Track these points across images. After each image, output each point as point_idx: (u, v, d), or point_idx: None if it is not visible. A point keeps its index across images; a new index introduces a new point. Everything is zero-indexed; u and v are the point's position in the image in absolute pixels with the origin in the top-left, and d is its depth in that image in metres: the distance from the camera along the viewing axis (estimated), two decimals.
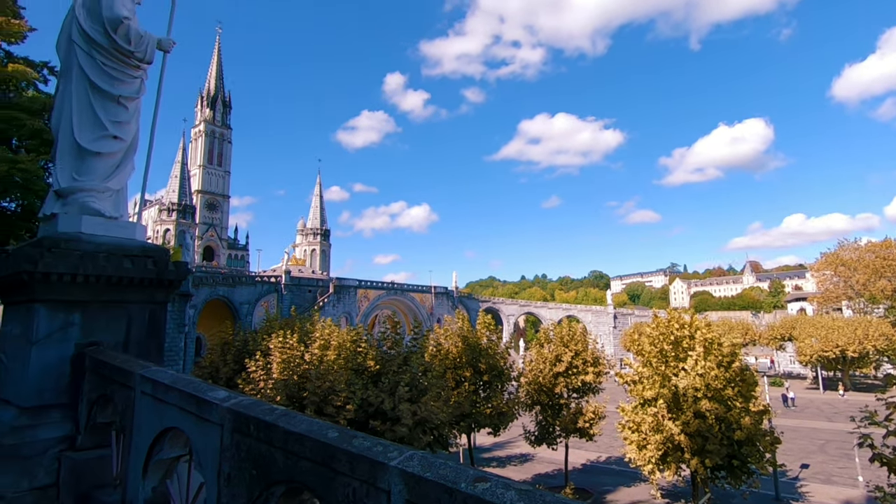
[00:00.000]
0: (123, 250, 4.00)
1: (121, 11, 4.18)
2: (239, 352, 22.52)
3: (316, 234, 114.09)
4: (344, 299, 67.82)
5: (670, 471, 15.91)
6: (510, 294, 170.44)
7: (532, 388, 24.50)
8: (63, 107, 4.20)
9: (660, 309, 22.79)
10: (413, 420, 15.19)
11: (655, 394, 16.53)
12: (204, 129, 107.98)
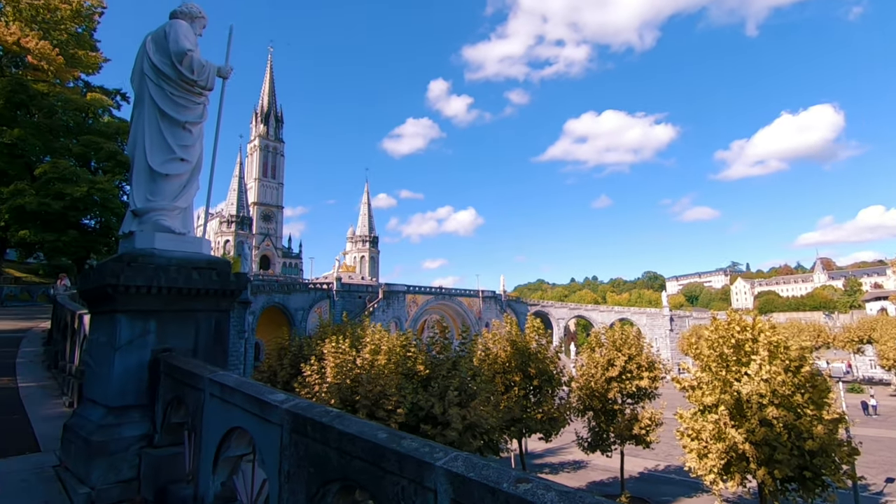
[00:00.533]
0: (191, 263, 4.35)
1: (185, 45, 4.56)
2: (295, 356, 23.47)
3: (365, 242, 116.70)
4: (393, 304, 68.96)
5: (734, 481, 15.11)
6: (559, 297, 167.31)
7: (584, 394, 24.03)
8: (137, 133, 4.63)
9: (719, 311, 21.57)
10: (463, 424, 15.25)
11: (716, 400, 15.78)
12: (258, 143, 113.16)
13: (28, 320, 17.16)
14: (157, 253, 4.22)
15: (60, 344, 8.01)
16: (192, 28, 4.92)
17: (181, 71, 4.52)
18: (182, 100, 4.61)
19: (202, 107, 4.80)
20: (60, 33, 38.51)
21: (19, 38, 33.14)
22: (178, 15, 4.88)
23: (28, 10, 37.11)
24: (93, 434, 3.77)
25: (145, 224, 4.34)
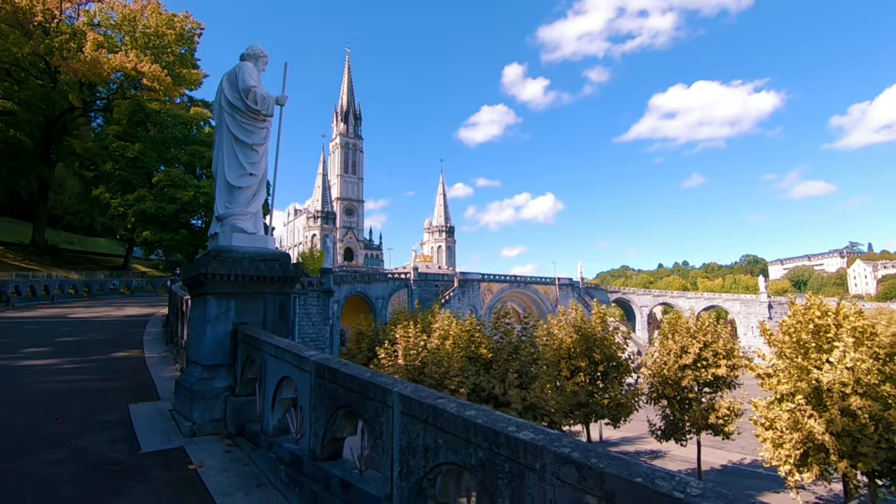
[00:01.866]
0: (260, 256, 5.55)
1: (250, 83, 5.74)
2: (371, 341, 25.44)
3: (441, 232, 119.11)
4: (468, 293, 70.31)
5: (811, 472, 14.45)
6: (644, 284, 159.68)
7: (656, 381, 23.58)
8: (218, 154, 5.91)
9: (831, 297, 19.22)
10: (522, 405, 15.96)
11: (792, 388, 15.06)
12: (339, 141, 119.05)
13: (151, 307, 20.35)
14: (235, 249, 5.46)
15: (174, 324, 9.88)
16: (256, 66, 6.11)
17: (248, 103, 5.70)
18: (249, 126, 5.80)
19: (265, 130, 5.98)
20: (167, 55, 43.62)
21: (136, 64, 38.11)
22: (245, 57, 6.10)
23: (142, 38, 42.46)
24: (194, 385, 5.08)
25: (225, 227, 5.61)
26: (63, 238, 46.22)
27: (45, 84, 39.17)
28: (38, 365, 8.01)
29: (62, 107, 39.79)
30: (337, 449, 3.40)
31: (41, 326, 12.69)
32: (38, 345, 9.96)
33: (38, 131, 38.69)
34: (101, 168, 32.90)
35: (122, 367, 7.68)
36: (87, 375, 7.23)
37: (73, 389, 6.54)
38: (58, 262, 36.22)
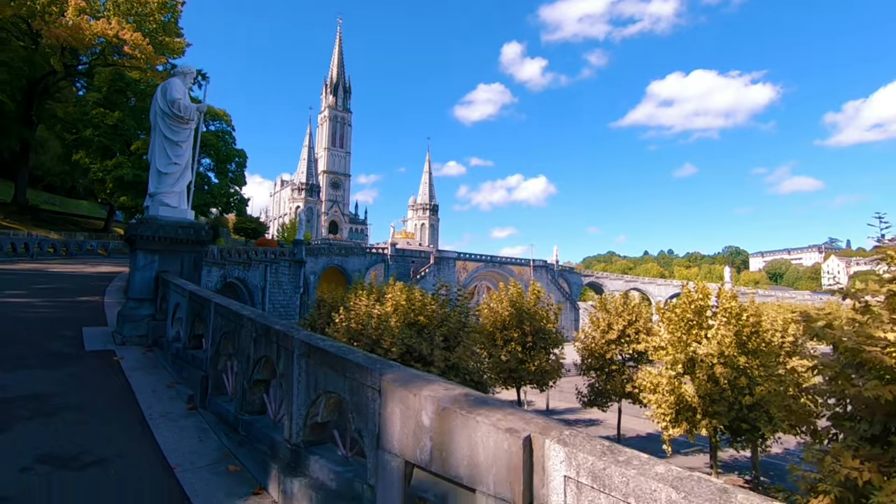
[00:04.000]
0: (179, 224, 7.71)
1: (176, 95, 7.79)
2: (330, 308, 27.77)
3: (425, 210, 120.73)
4: (444, 270, 72.75)
5: (680, 428, 17.20)
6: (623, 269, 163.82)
7: (585, 353, 26.24)
8: (152, 147, 7.98)
9: (806, 290, 20.64)
10: (445, 364, 18.39)
11: (672, 358, 17.69)
12: (328, 114, 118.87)
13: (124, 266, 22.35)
14: (160, 218, 7.61)
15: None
16: (184, 81, 8.15)
17: (174, 111, 7.76)
18: (175, 127, 7.87)
19: (188, 130, 8.05)
20: (150, 23, 44.36)
21: (118, 31, 38.96)
22: (175, 73, 8.12)
23: (124, 5, 43.12)
24: (126, 312, 7.30)
25: (154, 201, 7.74)
26: (44, 199, 47.47)
27: (26, 46, 39.92)
28: (16, 302, 10.14)
29: (44, 70, 40.66)
30: (198, 343, 5.63)
31: (20, 277, 14.74)
32: (16, 289, 12.08)
33: (20, 93, 39.64)
34: (81, 133, 34.26)
35: (84, 307, 9.86)
36: (55, 310, 9.39)
37: (43, 317, 8.72)
38: (38, 222, 37.77)
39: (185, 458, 3.67)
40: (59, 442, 3.80)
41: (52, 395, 4.82)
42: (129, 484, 3.27)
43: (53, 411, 4.43)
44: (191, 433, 4.15)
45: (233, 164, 39.86)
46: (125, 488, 3.21)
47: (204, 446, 3.91)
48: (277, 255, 38.02)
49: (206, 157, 36.72)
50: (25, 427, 4.05)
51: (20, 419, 4.19)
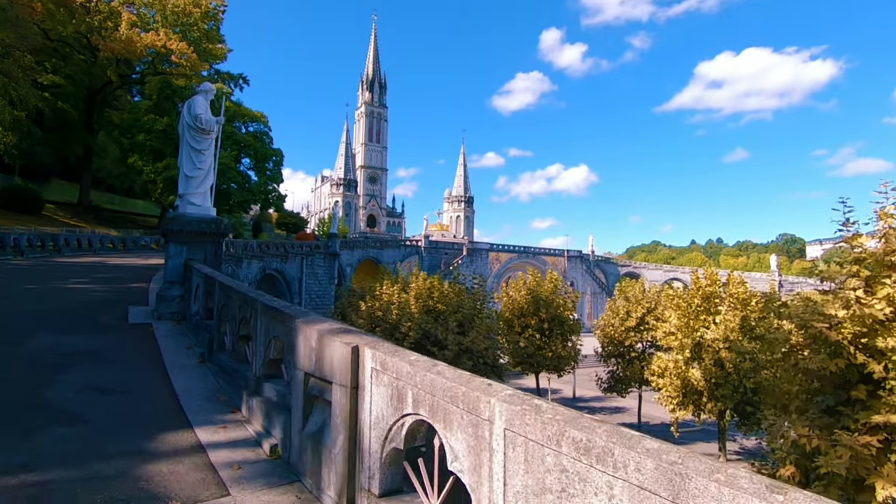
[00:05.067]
0: (203, 220, 9.20)
1: (199, 111, 9.25)
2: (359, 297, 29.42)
3: (460, 202, 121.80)
4: (476, 261, 73.73)
5: (686, 411, 17.69)
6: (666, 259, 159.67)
7: (605, 341, 26.76)
8: (180, 154, 9.49)
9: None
10: (458, 348, 19.56)
11: (679, 344, 18.14)
12: (364, 110, 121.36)
13: None
14: (187, 214, 9.12)
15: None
16: (206, 98, 9.60)
17: (197, 125, 9.23)
18: (199, 138, 9.35)
19: (210, 140, 9.52)
20: (194, 32, 47.36)
21: (165, 41, 41.98)
22: (198, 91, 9.60)
23: (171, 16, 46.24)
24: (161, 292, 8.87)
25: (182, 201, 9.26)
26: (106, 199, 51.73)
27: (86, 59, 43.62)
28: (80, 287, 12.08)
29: (102, 80, 44.31)
30: (209, 314, 7.02)
31: (84, 268, 16.98)
32: (81, 278, 14.15)
33: (82, 103, 43.43)
34: (135, 138, 37.40)
35: (133, 291, 11.64)
36: (109, 294, 11.20)
37: (99, 299, 10.51)
38: (101, 221, 41.50)
39: (188, 391, 5.02)
40: (101, 379, 5.24)
41: (100, 352, 6.33)
42: (145, 403, 4.64)
43: (100, 362, 5.91)
44: (197, 377, 5.51)
45: (270, 162, 42.34)
46: (142, 405, 4.59)
47: (204, 385, 5.25)
48: (313, 248, 40.22)
49: (245, 157, 39.33)
50: (81, 369, 5.52)
51: (78, 364, 5.68)
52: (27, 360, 5.82)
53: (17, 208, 33.48)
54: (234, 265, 28.95)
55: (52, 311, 8.82)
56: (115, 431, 3.95)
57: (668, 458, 1.52)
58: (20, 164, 41.39)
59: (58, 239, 24.60)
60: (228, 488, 3.15)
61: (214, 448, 3.73)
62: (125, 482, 3.14)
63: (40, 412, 4.26)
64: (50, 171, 47.55)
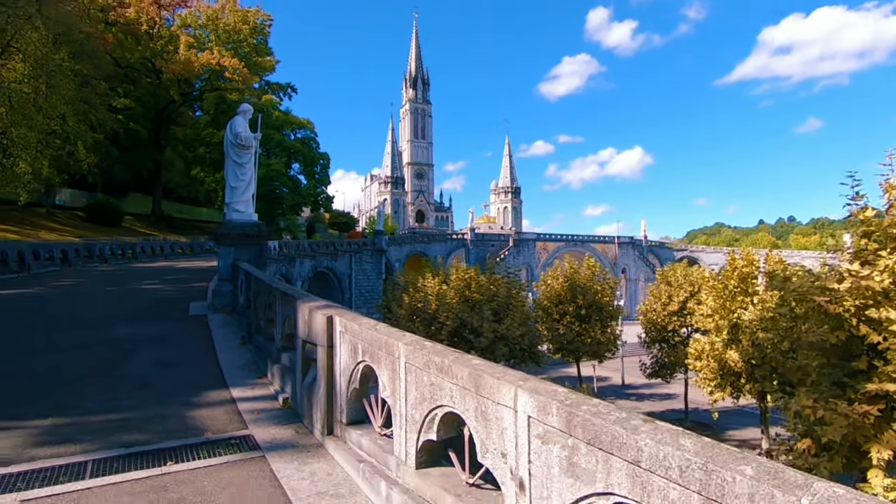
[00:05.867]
0: (246, 224, 10.60)
1: (238, 130, 10.63)
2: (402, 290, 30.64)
3: (507, 193, 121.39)
4: (523, 252, 73.74)
5: (724, 392, 17.62)
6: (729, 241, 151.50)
7: (648, 326, 26.67)
8: (225, 168, 10.93)
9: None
10: (493, 335, 20.39)
11: (716, 325, 18.04)
12: (409, 108, 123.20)
13: None
14: (233, 221, 10.55)
15: None
16: (245, 118, 10.98)
17: (238, 142, 10.62)
18: (240, 153, 10.74)
19: (249, 154, 10.89)
20: (245, 47, 50.50)
21: (219, 59, 45.14)
22: (237, 113, 10.99)
23: (223, 35, 49.56)
24: (215, 288, 10.35)
25: (229, 209, 10.70)
26: (175, 208, 56.33)
27: (152, 81, 47.71)
28: (152, 287, 14.01)
29: (166, 100, 48.28)
30: (249, 304, 8.28)
31: (155, 271, 19.26)
32: (153, 279, 16.23)
33: (150, 122, 47.57)
34: (196, 151, 40.69)
35: (195, 289, 13.37)
36: (175, 292, 12.97)
37: (167, 296, 12.26)
38: (171, 229, 45.50)
39: (230, 363, 6.25)
40: (165, 357, 6.59)
41: (165, 337, 7.76)
42: (196, 372, 5.92)
43: (164, 345, 7.32)
44: (237, 354, 6.76)
45: (318, 166, 44.69)
46: (193, 373, 5.87)
47: (242, 359, 6.48)
48: (360, 246, 42.17)
49: (295, 162, 41.82)
50: (150, 350, 6.93)
51: (148, 347, 7.10)
52: (110, 344, 7.31)
53: (101, 221, 37.49)
54: (288, 264, 31.11)
55: (130, 308, 10.55)
56: (172, 391, 5.19)
57: (476, 365, 2.38)
58: (101, 181, 46.06)
59: (135, 247, 27.61)
60: (248, 426, 4.25)
61: (242, 401, 4.87)
62: (177, 420, 4.31)
63: (120, 379, 5.60)
64: (127, 186, 52.49)
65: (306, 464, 3.51)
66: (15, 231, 26.02)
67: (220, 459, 3.55)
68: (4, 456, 3.48)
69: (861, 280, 8.23)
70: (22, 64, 26.64)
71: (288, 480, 3.23)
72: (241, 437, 3.99)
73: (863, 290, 8.27)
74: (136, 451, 3.60)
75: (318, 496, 3.06)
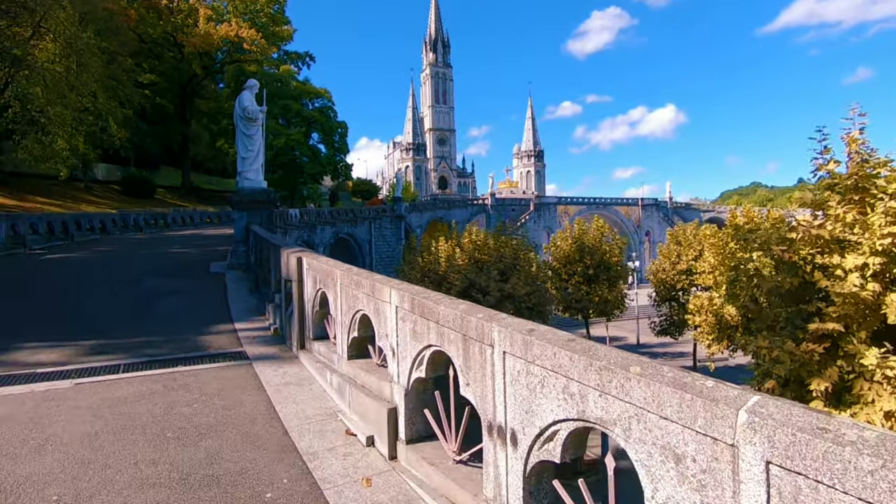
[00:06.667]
0: (256, 191, 11.73)
1: (246, 104, 11.62)
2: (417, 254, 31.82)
3: (530, 157, 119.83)
4: (544, 215, 73.72)
5: (721, 345, 18.28)
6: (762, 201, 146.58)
7: (658, 286, 27.18)
8: (237, 141, 12.00)
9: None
10: (500, 294, 21.36)
11: (714, 281, 18.55)
12: (430, 72, 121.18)
13: None
14: (245, 188, 11.68)
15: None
16: (251, 92, 11.94)
17: (245, 115, 11.62)
18: (248, 125, 11.76)
19: (256, 126, 11.90)
20: (261, 17, 50.95)
21: (237, 31, 45.85)
22: (245, 88, 11.95)
23: (240, 6, 50.05)
24: (233, 247, 11.62)
25: (241, 177, 11.82)
26: (204, 180, 58.53)
27: (175, 56, 48.96)
28: (180, 251, 15.53)
29: (189, 74, 49.57)
30: (260, 260, 9.45)
31: (184, 238, 20.88)
32: (181, 244, 17.78)
33: (175, 97, 49.10)
34: (220, 123, 42.09)
35: (217, 252, 14.77)
36: (200, 255, 14.41)
37: (192, 258, 13.69)
38: (200, 199, 47.64)
39: (237, 307, 7.46)
40: (185, 302, 7.87)
41: (187, 289, 9.06)
42: (209, 313, 7.16)
43: (186, 294, 8.61)
44: (245, 300, 7.98)
45: (336, 135, 45.58)
46: (207, 314, 7.12)
47: (248, 304, 7.69)
48: (379, 213, 43.36)
49: (314, 131, 42.80)
50: (174, 298, 8.25)
51: (173, 295, 8.42)
52: (143, 292, 8.65)
53: (135, 194, 39.70)
54: (310, 231, 32.56)
55: (159, 267, 11.97)
56: (189, 324, 6.42)
57: (375, 279, 3.36)
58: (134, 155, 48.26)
59: (166, 217, 29.48)
60: (242, 345, 5.41)
61: (242, 331, 6.05)
62: (189, 343, 5.52)
63: (147, 317, 6.88)
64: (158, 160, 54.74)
65: (281, 367, 4.63)
66: (59, 204, 28.15)
67: (217, 364, 4.71)
68: (63, 360, 4.74)
69: (812, 230, 8.83)
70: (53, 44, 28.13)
71: (264, 375, 4.36)
72: (235, 352, 5.15)
73: (814, 238, 8.88)
74: (156, 359, 4.81)
75: (285, 385, 4.16)
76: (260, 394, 3.99)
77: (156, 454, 2.95)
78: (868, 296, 8.13)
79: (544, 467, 1.95)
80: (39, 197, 28.43)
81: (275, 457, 2.95)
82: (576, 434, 1.79)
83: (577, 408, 1.71)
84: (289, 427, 3.34)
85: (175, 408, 3.68)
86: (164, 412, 3.60)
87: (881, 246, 7.81)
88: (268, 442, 3.14)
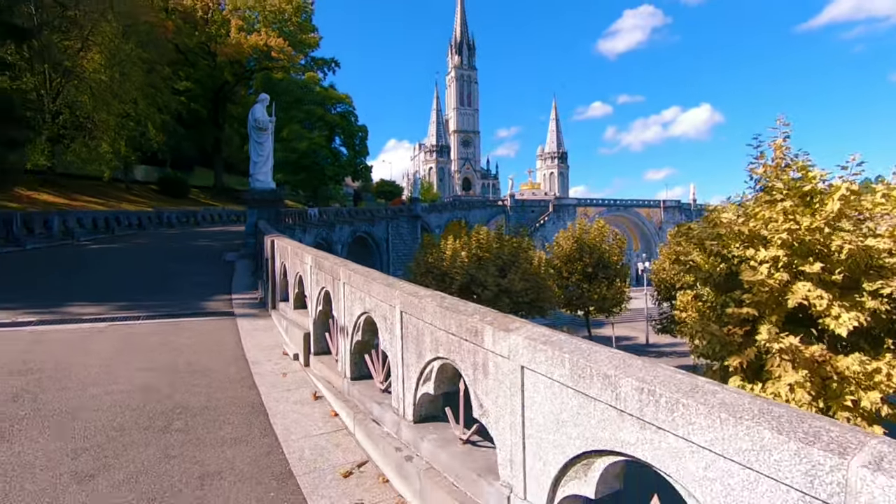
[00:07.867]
0: (265, 191, 13.56)
1: (258, 115, 13.45)
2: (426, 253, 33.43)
3: (553, 158, 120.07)
4: (564, 217, 74.09)
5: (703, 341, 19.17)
6: None
7: (659, 285, 27.98)
8: (250, 146, 13.84)
9: None
10: (497, 289, 22.76)
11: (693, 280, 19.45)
12: (455, 74, 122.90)
13: None
14: (256, 188, 13.51)
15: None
16: (262, 104, 13.77)
17: (256, 125, 13.44)
18: (259, 134, 13.59)
19: (267, 133, 13.72)
20: (289, 26, 53.64)
21: (266, 40, 48.57)
22: (257, 101, 13.80)
23: (270, 16, 52.86)
24: (244, 240, 13.46)
25: (252, 179, 13.66)
26: (235, 181, 61.74)
27: (209, 64, 52.12)
28: (202, 244, 17.62)
29: (221, 81, 52.66)
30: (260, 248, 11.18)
31: (210, 233, 23.11)
32: (206, 238, 19.92)
33: (209, 102, 52.25)
34: None
35: (235, 244, 16.71)
36: (220, 246, 16.41)
37: (212, 249, 15.68)
38: (230, 199, 50.58)
39: (238, 284, 9.21)
40: (198, 280, 9.68)
41: (201, 272, 10.91)
42: (215, 288, 8.95)
43: (200, 275, 10.44)
44: (246, 280, 9.71)
45: (356, 139, 47.73)
46: (213, 288, 8.89)
47: (247, 283, 9.42)
48: (396, 212, 45.21)
49: (336, 135, 45.08)
50: (189, 277, 10.08)
51: (188, 275, 10.26)
52: (166, 273, 10.54)
53: (171, 193, 42.74)
54: (328, 230, 34.57)
55: (182, 255, 13.95)
56: (195, 295, 8.18)
57: (333, 260, 4.94)
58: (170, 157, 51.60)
59: (197, 214, 32.04)
60: (233, 308, 7.09)
61: (236, 300, 7.76)
62: (194, 306, 7.25)
63: (165, 289, 8.68)
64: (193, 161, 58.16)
65: (256, 320, 6.29)
66: (102, 203, 31.00)
67: (210, 319, 6.41)
68: (101, 313, 6.54)
69: (734, 227, 10.08)
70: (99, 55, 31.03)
71: (241, 324, 6.02)
72: (226, 312, 6.85)
73: (737, 234, 10.13)
74: (166, 314, 6.53)
75: (254, 330, 5.80)
76: (234, 335, 5.62)
77: (158, 357, 4.62)
78: (775, 284, 9.32)
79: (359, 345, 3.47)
80: (85, 196, 31.33)
81: (231, 362, 4.56)
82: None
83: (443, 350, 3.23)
84: (246, 349, 4.95)
85: (175, 340, 5.34)
86: (167, 341, 5.26)
87: (780, 240, 9.00)
88: (230, 356, 4.76)
